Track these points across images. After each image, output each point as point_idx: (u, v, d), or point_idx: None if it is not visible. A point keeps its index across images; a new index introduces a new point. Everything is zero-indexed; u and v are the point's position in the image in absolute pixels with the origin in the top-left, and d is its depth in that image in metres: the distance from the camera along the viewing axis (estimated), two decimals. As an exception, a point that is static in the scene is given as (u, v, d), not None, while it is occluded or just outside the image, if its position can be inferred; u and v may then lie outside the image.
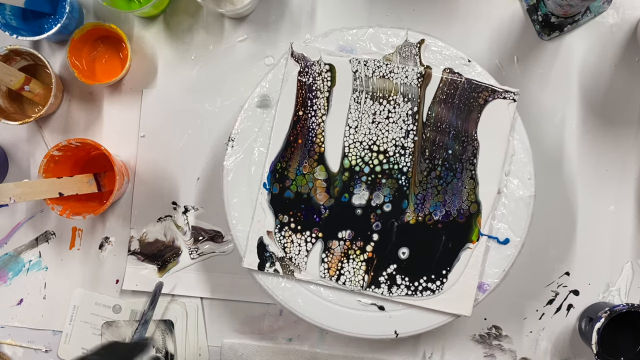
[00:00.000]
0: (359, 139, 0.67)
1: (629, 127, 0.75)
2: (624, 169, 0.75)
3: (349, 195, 0.66)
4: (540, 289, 0.75)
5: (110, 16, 0.77)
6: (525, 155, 0.66)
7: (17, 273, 0.77)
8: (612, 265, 0.74)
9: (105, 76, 0.76)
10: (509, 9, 0.76)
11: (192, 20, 0.77)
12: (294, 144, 0.67)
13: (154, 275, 0.76)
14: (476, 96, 0.66)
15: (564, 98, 0.75)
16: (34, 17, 0.76)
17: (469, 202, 0.66)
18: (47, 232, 0.77)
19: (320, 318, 0.66)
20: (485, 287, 0.65)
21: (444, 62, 0.67)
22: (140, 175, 0.77)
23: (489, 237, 0.66)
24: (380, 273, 0.66)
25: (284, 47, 0.76)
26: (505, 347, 0.75)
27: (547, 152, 0.74)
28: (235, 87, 0.76)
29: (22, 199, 0.68)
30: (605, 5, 0.74)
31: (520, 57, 0.75)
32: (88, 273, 0.77)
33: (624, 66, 0.75)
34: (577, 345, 0.74)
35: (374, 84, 0.67)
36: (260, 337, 0.76)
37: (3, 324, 0.77)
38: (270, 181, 0.67)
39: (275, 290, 0.66)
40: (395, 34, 0.68)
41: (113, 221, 0.77)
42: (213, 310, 0.76)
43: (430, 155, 0.66)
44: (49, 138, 0.77)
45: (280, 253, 0.66)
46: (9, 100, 0.76)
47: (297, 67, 0.67)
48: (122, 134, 0.77)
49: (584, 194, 0.74)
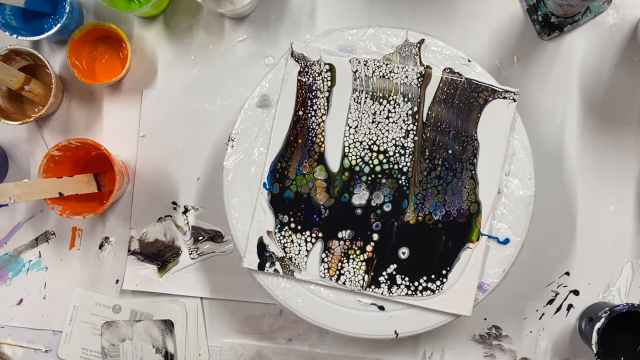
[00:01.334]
0: (359, 139, 0.67)
1: (629, 127, 0.75)
2: (624, 169, 0.75)
3: (349, 195, 0.66)
4: (540, 289, 0.75)
5: (110, 16, 0.77)
6: (525, 155, 0.66)
7: (17, 273, 0.77)
8: (612, 265, 0.74)
9: (105, 76, 0.76)
10: (509, 9, 0.76)
11: (192, 20, 0.77)
12: (294, 143, 0.67)
13: (154, 275, 0.76)
14: (476, 96, 0.66)
15: (564, 98, 0.75)
16: (34, 17, 0.76)
17: (469, 202, 0.66)
18: (47, 232, 0.77)
19: (320, 318, 0.66)
20: (485, 287, 0.65)
21: (444, 62, 0.67)
22: (140, 175, 0.77)
23: (489, 237, 0.66)
24: (380, 273, 0.66)
25: (284, 47, 0.76)
26: (505, 347, 0.75)
27: (547, 152, 0.74)
28: (235, 87, 0.76)
29: (22, 199, 0.68)
30: (605, 5, 0.74)
31: (520, 57, 0.75)
32: (88, 273, 0.77)
33: (624, 66, 0.75)
34: (577, 345, 0.74)
35: (374, 83, 0.67)
36: (260, 337, 0.76)
37: (3, 324, 0.77)
38: (270, 181, 0.67)
39: (275, 290, 0.66)
40: (395, 33, 0.68)
41: (113, 221, 0.77)
42: (213, 310, 0.76)
43: (430, 155, 0.66)
44: (49, 138, 0.77)
45: (280, 253, 0.66)
46: (9, 100, 0.76)
47: (297, 67, 0.67)
48: (122, 134, 0.77)
49: (584, 194, 0.74)
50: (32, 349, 0.77)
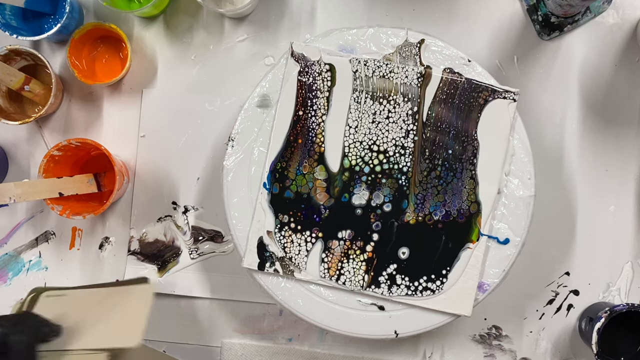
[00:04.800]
0: (359, 139, 0.67)
1: (629, 126, 0.75)
2: (624, 169, 0.75)
3: (349, 195, 0.66)
4: (540, 289, 0.74)
5: (110, 16, 0.77)
6: (525, 155, 0.66)
7: (17, 273, 0.77)
8: (612, 265, 0.74)
9: (105, 76, 0.76)
10: (509, 9, 0.76)
11: (192, 20, 0.77)
12: (294, 143, 0.67)
13: (154, 275, 0.76)
14: (476, 96, 0.66)
15: (564, 98, 0.75)
16: (34, 17, 0.76)
17: (469, 202, 0.66)
18: (47, 232, 0.77)
19: (320, 318, 0.66)
20: (485, 287, 0.65)
21: (444, 62, 0.67)
22: (140, 175, 0.77)
23: (489, 237, 0.65)
24: (380, 273, 0.66)
25: (284, 47, 0.76)
26: (505, 347, 0.74)
27: (547, 152, 0.74)
28: (235, 87, 0.76)
29: (22, 199, 0.68)
30: (605, 5, 0.74)
31: (520, 57, 0.75)
32: (88, 273, 0.77)
33: (624, 66, 0.75)
34: (577, 345, 0.74)
35: (374, 83, 0.67)
36: (260, 337, 0.76)
37: (3, 324, 0.77)
38: (270, 181, 0.67)
39: (275, 290, 0.66)
40: (395, 33, 0.68)
41: (113, 221, 0.77)
42: (213, 310, 0.76)
43: (430, 155, 0.66)
44: (49, 138, 0.77)
45: (280, 253, 0.66)
46: (9, 100, 0.76)
47: (297, 67, 0.67)
48: (122, 134, 0.77)
49: (584, 194, 0.74)
50: (32, 349, 0.77)
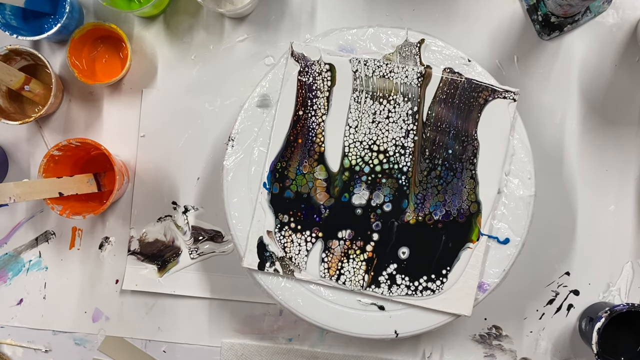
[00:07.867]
0: (359, 139, 0.67)
1: (629, 126, 0.75)
2: (624, 169, 0.75)
3: (349, 195, 0.66)
4: (540, 289, 0.74)
5: (110, 16, 0.77)
6: (525, 154, 0.66)
7: (17, 273, 0.77)
8: (612, 265, 0.74)
9: (105, 76, 0.76)
10: (509, 9, 0.76)
11: (192, 20, 0.77)
12: (294, 143, 0.67)
13: (154, 275, 0.76)
14: (476, 96, 0.66)
15: (564, 98, 0.75)
16: (34, 17, 0.76)
17: (469, 201, 0.66)
18: (47, 232, 0.77)
19: (320, 318, 0.66)
20: (485, 287, 0.65)
21: (444, 61, 0.67)
22: (140, 175, 0.77)
23: (489, 236, 0.65)
24: (380, 273, 0.66)
25: (284, 47, 0.76)
26: (506, 347, 0.74)
27: (547, 152, 0.74)
28: (235, 87, 0.76)
29: (22, 199, 0.68)
30: (605, 5, 0.74)
31: (520, 57, 0.75)
32: (88, 273, 0.77)
33: (624, 66, 0.75)
34: (577, 345, 0.74)
35: (374, 83, 0.67)
36: (260, 337, 0.76)
37: (3, 324, 0.77)
38: (270, 181, 0.67)
39: (275, 290, 0.66)
40: (395, 33, 0.68)
41: (113, 221, 0.77)
42: (213, 310, 0.76)
43: (430, 155, 0.66)
44: (49, 138, 0.77)
45: (280, 253, 0.66)
46: (9, 100, 0.76)
47: (297, 66, 0.67)
48: (122, 134, 0.77)
49: (584, 194, 0.74)
50: (32, 349, 0.77)
